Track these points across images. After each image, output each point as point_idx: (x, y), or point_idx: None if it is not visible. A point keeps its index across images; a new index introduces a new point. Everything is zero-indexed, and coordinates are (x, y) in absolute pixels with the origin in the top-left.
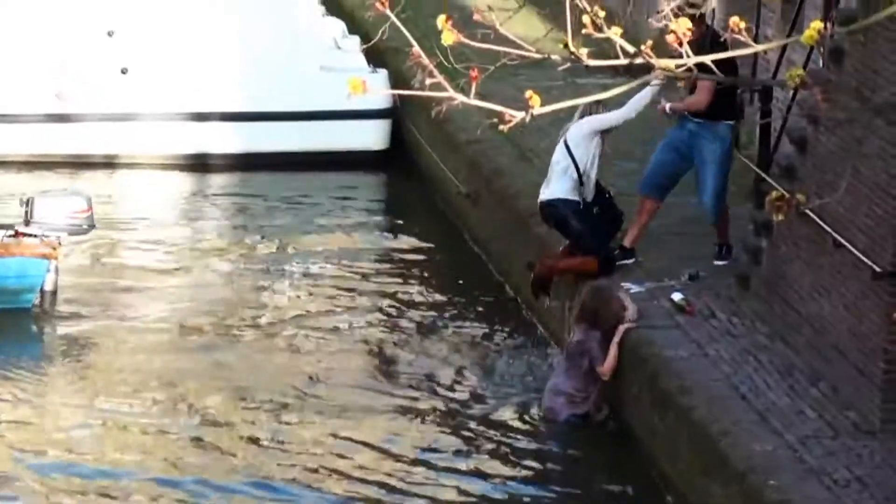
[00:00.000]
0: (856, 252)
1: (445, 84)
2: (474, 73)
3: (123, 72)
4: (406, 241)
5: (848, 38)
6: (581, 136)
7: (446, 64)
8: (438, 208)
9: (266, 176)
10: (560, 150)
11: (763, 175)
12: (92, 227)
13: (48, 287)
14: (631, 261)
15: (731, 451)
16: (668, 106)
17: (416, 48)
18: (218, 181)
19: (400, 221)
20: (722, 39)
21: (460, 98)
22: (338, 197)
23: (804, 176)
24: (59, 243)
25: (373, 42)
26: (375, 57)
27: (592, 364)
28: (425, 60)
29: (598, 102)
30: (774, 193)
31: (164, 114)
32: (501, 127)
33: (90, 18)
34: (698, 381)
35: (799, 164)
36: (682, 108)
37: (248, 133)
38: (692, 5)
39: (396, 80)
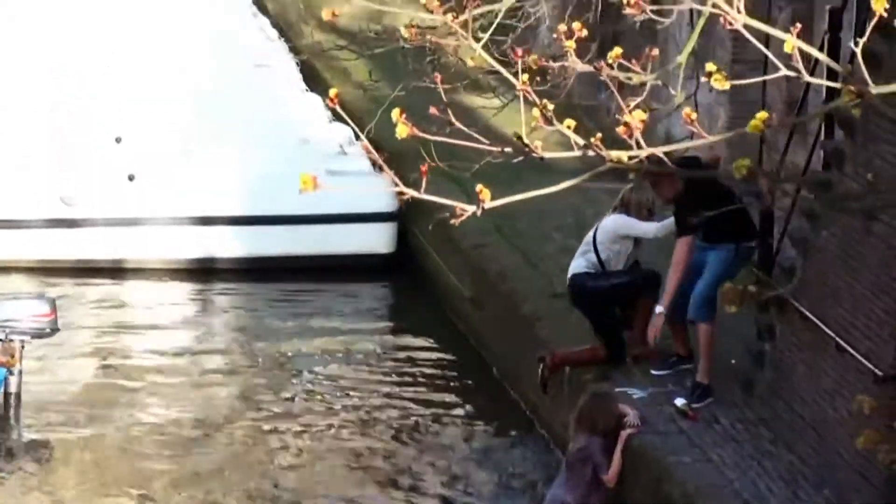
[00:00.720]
0: (857, 356)
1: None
2: (424, 168)
3: (130, 178)
4: (410, 344)
5: (847, 139)
6: (607, 234)
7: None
8: (443, 311)
9: (271, 279)
10: (588, 237)
11: (760, 276)
12: (55, 330)
13: (11, 389)
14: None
15: None
16: (659, 309)
17: (365, 142)
18: (223, 285)
19: (404, 324)
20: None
21: (411, 192)
22: (342, 300)
23: (806, 278)
24: (22, 346)
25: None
26: (390, 165)
27: (596, 472)
28: (374, 154)
29: (630, 190)
30: (728, 286)
31: (171, 218)
32: (453, 221)
33: (98, 124)
34: (702, 488)
35: (800, 266)
36: (672, 293)
37: (255, 237)
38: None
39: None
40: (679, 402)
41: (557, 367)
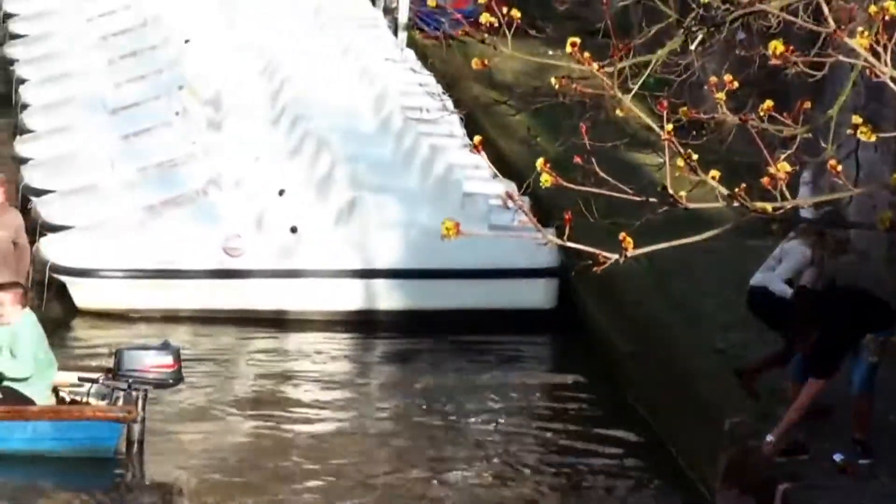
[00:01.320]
0: None
1: (535, 224)
2: (568, 216)
3: (293, 230)
4: (569, 399)
5: None
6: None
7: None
8: (604, 368)
9: (432, 333)
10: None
11: None
12: (180, 380)
13: (134, 438)
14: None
15: None
16: (770, 438)
17: (511, 191)
18: (385, 340)
19: (566, 381)
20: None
21: (552, 239)
22: (503, 356)
23: None
24: (146, 396)
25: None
26: (546, 216)
27: None
28: (518, 202)
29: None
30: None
31: (332, 271)
32: (595, 269)
33: (262, 177)
34: None
35: None
36: (786, 429)
37: (416, 291)
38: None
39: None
40: (837, 457)
41: (753, 375)
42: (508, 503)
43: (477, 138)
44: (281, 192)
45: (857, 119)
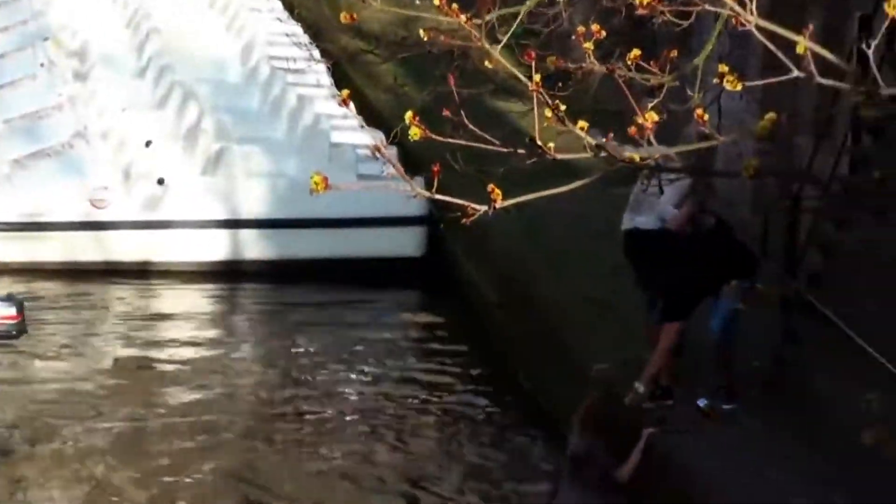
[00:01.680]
0: (879, 357)
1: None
2: (436, 168)
3: (160, 182)
4: (438, 348)
5: (875, 143)
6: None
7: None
8: (473, 315)
9: (300, 282)
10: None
11: (787, 279)
12: (23, 332)
13: None
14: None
15: None
16: (640, 387)
17: (378, 144)
18: (252, 288)
19: (434, 328)
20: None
21: (420, 191)
22: (371, 303)
23: (829, 281)
24: None
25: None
26: (415, 166)
27: (605, 474)
28: (385, 153)
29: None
30: (734, 283)
31: (199, 221)
32: (465, 220)
33: (128, 128)
34: (723, 489)
35: (824, 271)
36: (654, 372)
37: (284, 240)
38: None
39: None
40: (701, 403)
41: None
42: (372, 441)
43: (345, 92)
44: (147, 144)
45: (723, 68)
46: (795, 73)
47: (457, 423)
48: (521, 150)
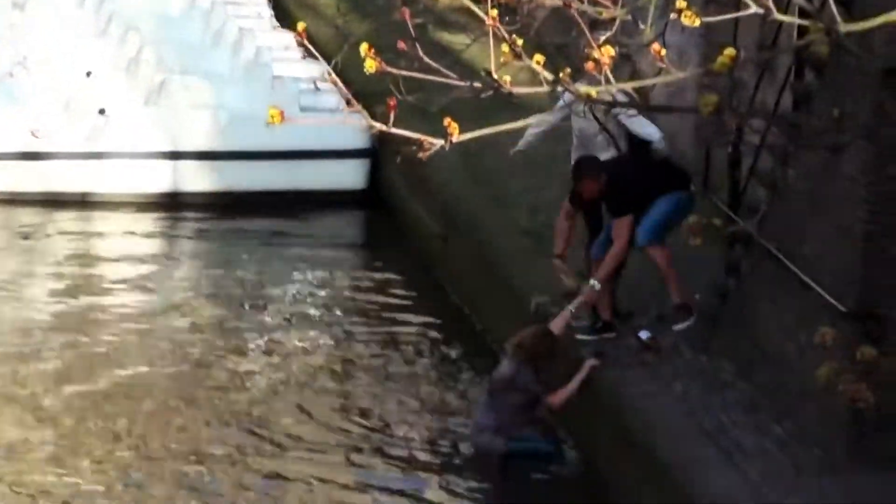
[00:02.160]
0: (822, 292)
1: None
2: (392, 102)
3: (101, 112)
4: (378, 280)
5: (818, 79)
6: None
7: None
8: (413, 249)
9: (241, 214)
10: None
11: (730, 213)
12: None
13: None
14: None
15: (693, 488)
16: (596, 284)
17: (333, 76)
18: (193, 221)
19: (374, 262)
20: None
21: (378, 126)
22: (313, 236)
23: (772, 215)
24: None
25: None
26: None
27: (533, 399)
28: (342, 87)
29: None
30: (693, 218)
31: (140, 153)
32: (421, 155)
33: (69, 58)
34: (663, 419)
35: (766, 204)
36: (609, 270)
37: (225, 172)
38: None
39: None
40: (643, 334)
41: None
42: (318, 372)
43: (301, 25)
44: (88, 74)
45: (681, 3)
46: (754, 9)
47: (397, 353)
48: (476, 84)
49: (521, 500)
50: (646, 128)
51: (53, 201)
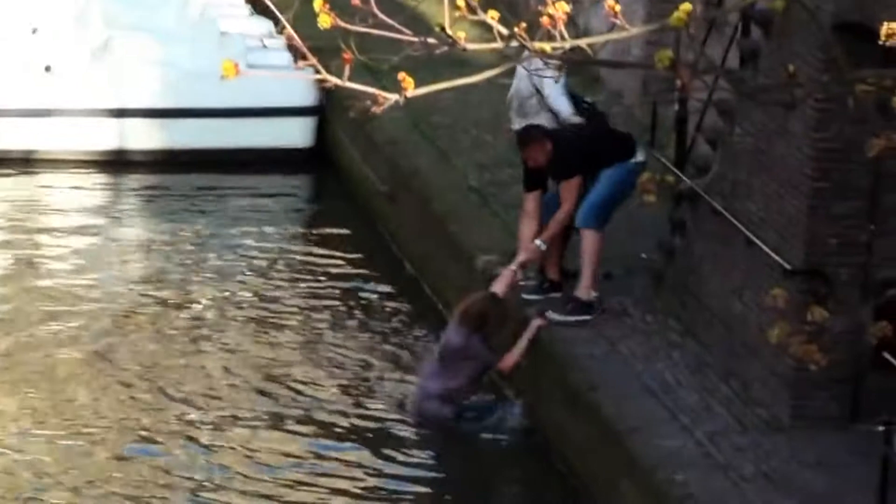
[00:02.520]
0: (767, 250)
1: (318, 66)
2: (347, 56)
3: (47, 69)
4: (325, 239)
5: (765, 36)
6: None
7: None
8: (359, 207)
9: (189, 172)
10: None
11: (676, 171)
12: None
13: None
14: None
15: (639, 448)
16: (541, 245)
17: (289, 30)
18: (139, 178)
19: (321, 220)
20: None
21: (334, 80)
22: (260, 194)
23: (718, 173)
24: None
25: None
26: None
27: (485, 366)
28: (298, 41)
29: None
30: (646, 175)
31: (86, 110)
32: (375, 109)
33: (13, 15)
34: (609, 378)
35: (713, 162)
36: (554, 231)
37: (172, 129)
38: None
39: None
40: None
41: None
42: (249, 330)
43: None
44: (34, 31)
45: None
46: None
47: (338, 312)
48: (430, 40)
49: (467, 464)
50: (557, 100)
51: None
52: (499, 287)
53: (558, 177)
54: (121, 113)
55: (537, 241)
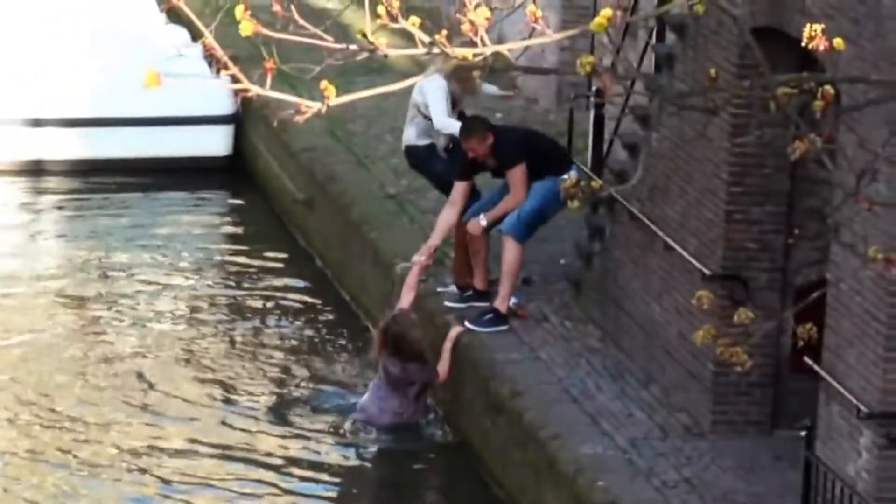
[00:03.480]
0: (686, 255)
1: (240, 75)
2: (269, 65)
3: None
4: (243, 248)
5: (680, 42)
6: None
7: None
8: (277, 215)
9: (106, 182)
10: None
11: (593, 176)
12: None
13: None
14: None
15: (561, 454)
16: (483, 219)
17: (209, 38)
18: (55, 188)
19: (239, 229)
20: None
21: (255, 89)
22: (177, 204)
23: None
24: None
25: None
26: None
27: (427, 386)
28: (218, 50)
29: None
30: (569, 180)
31: (3, 119)
32: (297, 118)
33: None
34: (530, 385)
35: (630, 169)
36: (500, 214)
37: (89, 139)
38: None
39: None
40: (512, 301)
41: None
42: (173, 341)
43: None
44: None
45: None
46: None
47: (255, 319)
48: (353, 46)
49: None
50: (440, 118)
51: None
52: (405, 296)
53: (504, 165)
54: (38, 122)
55: (481, 216)
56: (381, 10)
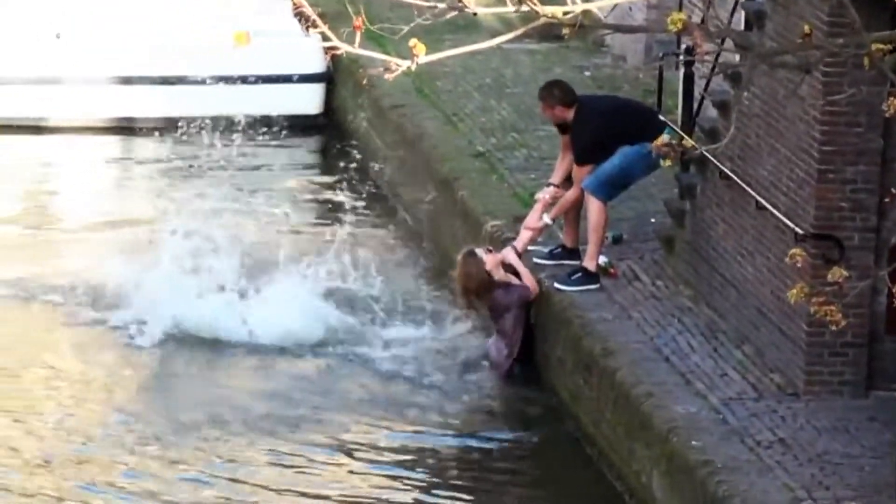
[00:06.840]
0: (778, 215)
1: (329, 34)
2: (358, 23)
3: (57, 37)
4: (334, 205)
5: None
6: None
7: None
8: (368, 173)
9: (196, 140)
10: None
11: (683, 135)
12: None
13: None
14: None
15: (654, 413)
16: (547, 219)
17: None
18: (147, 146)
19: (330, 187)
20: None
21: (345, 47)
22: (267, 161)
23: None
24: None
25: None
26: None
27: (525, 305)
28: (308, 8)
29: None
30: (661, 139)
31: (95, 78)
32: (387, 76)
33: None
34: (622, 344)
35: (721, 128)
36: (561, 209)
37: (180, 97)
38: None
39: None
40: (600, 259)
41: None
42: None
43: None
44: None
45: None
46: None
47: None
48: (441, 5)
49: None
50: None
51: (7, 126)
52: (522, 236)
53: (575, 157)
54: (129, 81)
55: (544, 216)
56: None
